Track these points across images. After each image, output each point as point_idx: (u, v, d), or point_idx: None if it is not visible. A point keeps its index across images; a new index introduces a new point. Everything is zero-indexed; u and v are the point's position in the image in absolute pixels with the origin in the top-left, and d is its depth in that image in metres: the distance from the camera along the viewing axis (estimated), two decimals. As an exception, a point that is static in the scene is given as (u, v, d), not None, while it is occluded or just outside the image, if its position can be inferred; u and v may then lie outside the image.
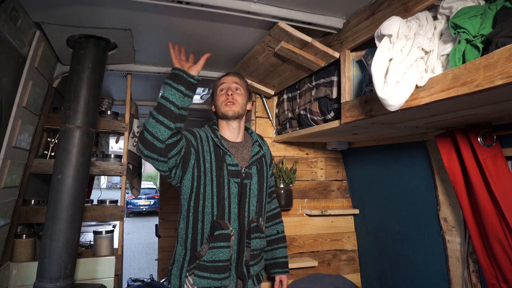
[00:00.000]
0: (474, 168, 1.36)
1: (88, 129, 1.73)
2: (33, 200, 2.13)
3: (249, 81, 2.09)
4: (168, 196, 4.95)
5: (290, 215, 2.30)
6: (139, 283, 4.27)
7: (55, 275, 1.55)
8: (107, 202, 2.48)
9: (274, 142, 2.34)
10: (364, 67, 1.50)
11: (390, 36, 1.07)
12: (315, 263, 2.20)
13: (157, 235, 4.79)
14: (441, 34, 1.10)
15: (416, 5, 1.14)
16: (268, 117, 2.39)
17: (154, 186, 15.53)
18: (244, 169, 1.51)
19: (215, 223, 1.40)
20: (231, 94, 1.53)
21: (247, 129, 1.70)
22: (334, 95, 1.69)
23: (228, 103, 1.52)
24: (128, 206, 13.53)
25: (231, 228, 1.42)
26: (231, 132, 1.57)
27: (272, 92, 2.27)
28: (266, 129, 2.37)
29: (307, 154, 2.43)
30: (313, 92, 1.85)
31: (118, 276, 2.23)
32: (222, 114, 1.54)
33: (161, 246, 4.83)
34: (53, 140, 2.29)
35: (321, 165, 2.45)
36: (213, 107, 1.62)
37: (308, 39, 1.53)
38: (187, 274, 1.39)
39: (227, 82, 1.57)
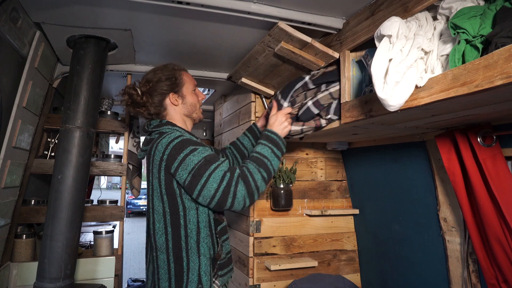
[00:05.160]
0: (473, 168, 1.36)
1: (88, 129, 1.73)
2: (33, 200, 2.13)
3: (248, 82, 2.10)
4: (168, 196, 4.92)
5: (290, 215, 2.30)
6: (139, 283, 4.27)
7: (55, 275, 1.55)
8: (107, 202, 2.48)
9: (274, 142, 2.34)
10: (364, 67, 1.50)
11: (390, 36, 1.07)
12: (315, 263, 2.20)
13: (157, 235, 4.78)
14: (440, 35, 1.10)
15: (415, 5, 1.14)
16: (268, 117, 2.39)
17: (154, 186, 15.48)
18: None
19: (215, 220, 1.42)
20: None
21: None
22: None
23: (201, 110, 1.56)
24: (128, 206, 13.53)
25: (224, 219, 1.48)
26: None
27: (272, 92, 2.27)
28: (266, 129, 2.37)
29: (307, 154, 2.43)
30: (313, 92, 1.85)
31: (118, 276, 2.23)
32: (197, 118, 1.54)
33: (161, 246, 4.81)
34: (53, 140, 2.30)
35: (321, 165, 2.45)
36: (175, 100, 1.45)
37: (308, 39, 1.53)
38: (214, 280, 1.41)
39: (194, 82, 1.55)
